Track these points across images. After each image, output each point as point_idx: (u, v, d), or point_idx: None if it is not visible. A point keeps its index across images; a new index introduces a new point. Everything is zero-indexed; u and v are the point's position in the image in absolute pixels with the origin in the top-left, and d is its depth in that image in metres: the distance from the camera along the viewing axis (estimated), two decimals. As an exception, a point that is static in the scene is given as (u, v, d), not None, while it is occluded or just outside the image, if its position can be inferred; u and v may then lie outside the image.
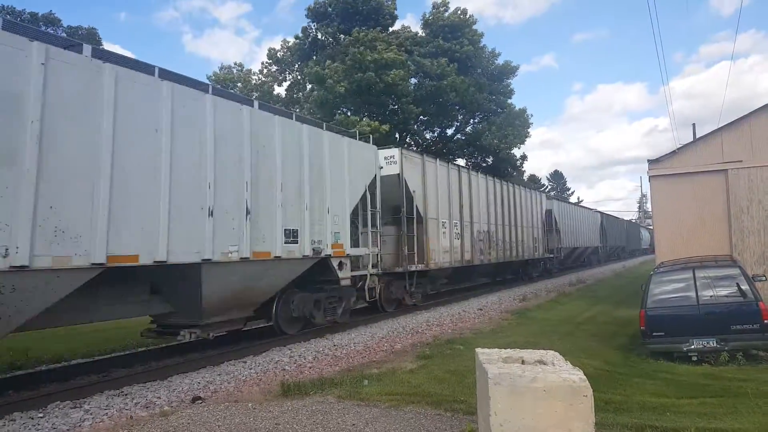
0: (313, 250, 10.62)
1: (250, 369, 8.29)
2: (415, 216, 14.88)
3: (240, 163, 8.92)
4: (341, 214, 11.57)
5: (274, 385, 7.24)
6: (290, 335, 10.68)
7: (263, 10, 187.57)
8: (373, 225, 13.11)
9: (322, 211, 10.96)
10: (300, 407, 6.06)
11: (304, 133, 10.57)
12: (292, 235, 10.04)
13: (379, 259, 13.37)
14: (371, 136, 15.57)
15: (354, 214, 12.61)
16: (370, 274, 12.92)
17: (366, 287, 12.83)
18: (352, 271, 12.05)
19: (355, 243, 12.77)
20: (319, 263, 10.91)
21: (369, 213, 13.01)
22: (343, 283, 11.69)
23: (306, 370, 8.35)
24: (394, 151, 14.63)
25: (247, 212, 9.00)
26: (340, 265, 11.50)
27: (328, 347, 10.02)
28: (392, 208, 14.50)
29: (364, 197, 12.74)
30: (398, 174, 14.32)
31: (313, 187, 10.66)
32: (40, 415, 5.97)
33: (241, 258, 8.79)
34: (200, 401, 6.57)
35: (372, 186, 13.03)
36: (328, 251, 11.03)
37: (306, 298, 10.95)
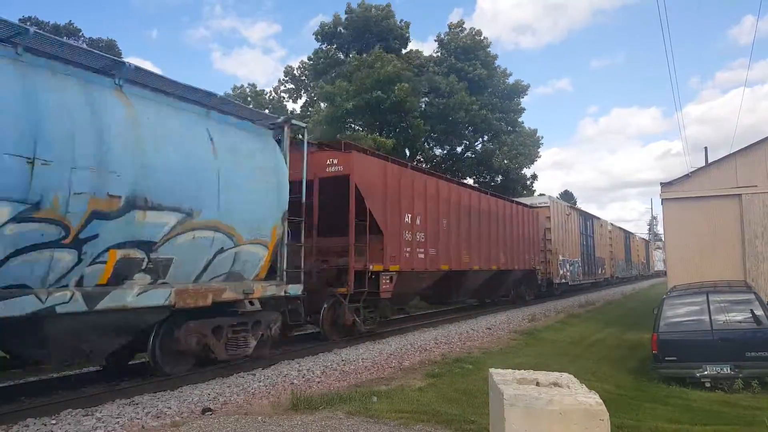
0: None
1: (260, 382, 8.28)
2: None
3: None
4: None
5: (283, 398, 7.23)
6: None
7: (291, 31, 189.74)
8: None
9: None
10: (310, 422, 6.05)
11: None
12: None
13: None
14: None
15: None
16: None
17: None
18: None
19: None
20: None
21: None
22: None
23: (314, 385, 8.34)
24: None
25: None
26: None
27: (336, 362, 10.00)
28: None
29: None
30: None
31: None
32: (53, 421, 6.00)
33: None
34: (210, 413, 6.57)
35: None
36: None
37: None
